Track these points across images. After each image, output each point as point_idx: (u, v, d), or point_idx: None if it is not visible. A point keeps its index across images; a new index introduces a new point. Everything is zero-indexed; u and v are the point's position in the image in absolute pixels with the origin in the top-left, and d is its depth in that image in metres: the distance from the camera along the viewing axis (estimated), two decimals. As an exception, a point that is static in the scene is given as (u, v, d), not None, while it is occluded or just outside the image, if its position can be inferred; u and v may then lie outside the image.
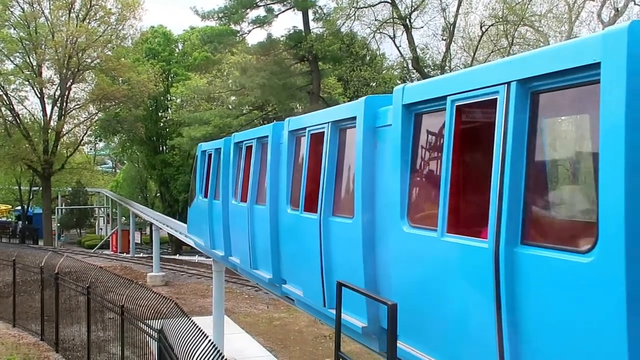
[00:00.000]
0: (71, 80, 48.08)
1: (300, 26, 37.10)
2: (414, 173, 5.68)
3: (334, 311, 6.87)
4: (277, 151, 9.28)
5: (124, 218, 56.83)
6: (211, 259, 20.06)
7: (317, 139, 7.71)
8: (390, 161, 5.90)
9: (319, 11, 37.25)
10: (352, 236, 6.52)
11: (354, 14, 32.89)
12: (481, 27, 33.09)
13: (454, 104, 4.95)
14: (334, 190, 7.17)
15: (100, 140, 65.88)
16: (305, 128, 8.19)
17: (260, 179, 10.11)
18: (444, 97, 5.06)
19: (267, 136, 9.70)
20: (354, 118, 6.71)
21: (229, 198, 11.81)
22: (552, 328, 3.77)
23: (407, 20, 32.84)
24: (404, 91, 5.75)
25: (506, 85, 4.33)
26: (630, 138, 3.35)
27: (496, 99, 4.44)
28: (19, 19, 46.95)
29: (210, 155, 13.74)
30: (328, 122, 7.37)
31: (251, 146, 10.57)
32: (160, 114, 58.37)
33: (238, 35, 38.58)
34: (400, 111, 5.71)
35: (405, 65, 37.09)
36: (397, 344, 5.30)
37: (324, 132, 7.46)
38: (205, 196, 13.89)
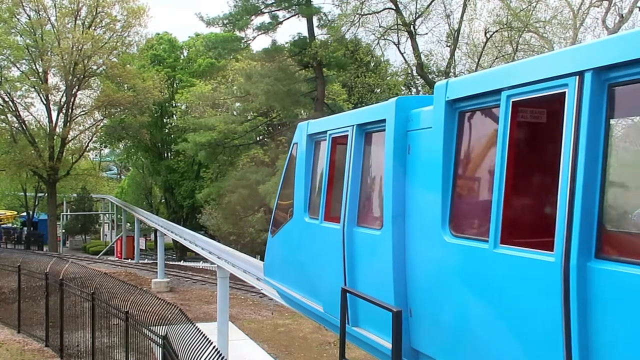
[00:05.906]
0: (77, 87, 48.37)
1: (305, 33, 37.18)
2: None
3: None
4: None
5: (128, 224, 56.94)
6: (215, 265, 19.92)
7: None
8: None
9: (324, 18, 37.36)
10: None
11: (359, 21, 32.91)
12: (485, 34, 33.05)
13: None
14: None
15: (105, 147, 66.19)
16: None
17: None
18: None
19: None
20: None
21: (410, 228, 6.00)
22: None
23: (412, 26, 32.83)
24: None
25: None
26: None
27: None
28: (25, 26, 47.28)
29: (336, 139, 7.66)
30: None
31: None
32: (165, 120, 58.60)
33: (243, 41, 38.68)
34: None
35: (409, 72, 37.06)
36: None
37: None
38: (328, 219, 7.70)
